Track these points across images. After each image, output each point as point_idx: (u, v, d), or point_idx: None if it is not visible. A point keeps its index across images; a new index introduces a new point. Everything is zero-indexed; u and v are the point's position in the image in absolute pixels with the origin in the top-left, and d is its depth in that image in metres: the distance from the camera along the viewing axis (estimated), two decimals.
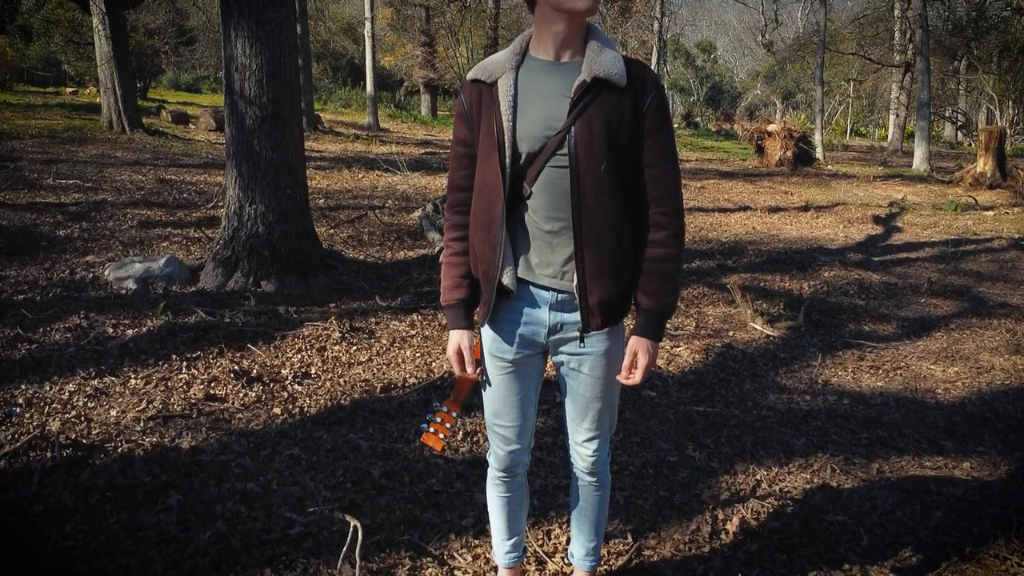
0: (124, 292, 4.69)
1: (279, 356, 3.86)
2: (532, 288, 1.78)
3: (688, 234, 7.55)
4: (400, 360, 3.95)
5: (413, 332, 4.36)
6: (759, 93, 36.70)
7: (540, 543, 2.48)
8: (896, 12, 23.64)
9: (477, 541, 2.46)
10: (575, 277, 1.73)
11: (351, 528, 2.36)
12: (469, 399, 2.09)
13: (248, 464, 2.82)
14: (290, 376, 3.64)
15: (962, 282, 6.46)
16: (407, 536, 2.46)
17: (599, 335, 1.80)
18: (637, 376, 1.78)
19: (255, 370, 3.66)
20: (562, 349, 1.84)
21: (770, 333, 4.78)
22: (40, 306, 4.25)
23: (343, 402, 3.41)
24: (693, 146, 23.11)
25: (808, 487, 2.94)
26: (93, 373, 3.47)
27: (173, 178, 8.85)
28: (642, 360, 1.77)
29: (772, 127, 16.84)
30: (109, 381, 3.43)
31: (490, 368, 1.87)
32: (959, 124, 28.21)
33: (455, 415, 1.99)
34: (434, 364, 3.91)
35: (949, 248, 7.78)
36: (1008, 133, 19.06)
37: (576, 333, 1.80)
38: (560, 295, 1.77)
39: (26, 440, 2.80)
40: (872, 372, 4.27)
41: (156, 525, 2.41)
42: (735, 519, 2.65)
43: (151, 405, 3.22)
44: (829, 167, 16.80)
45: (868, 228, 9.17)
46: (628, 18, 24.07)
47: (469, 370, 1.86)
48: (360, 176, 10.69)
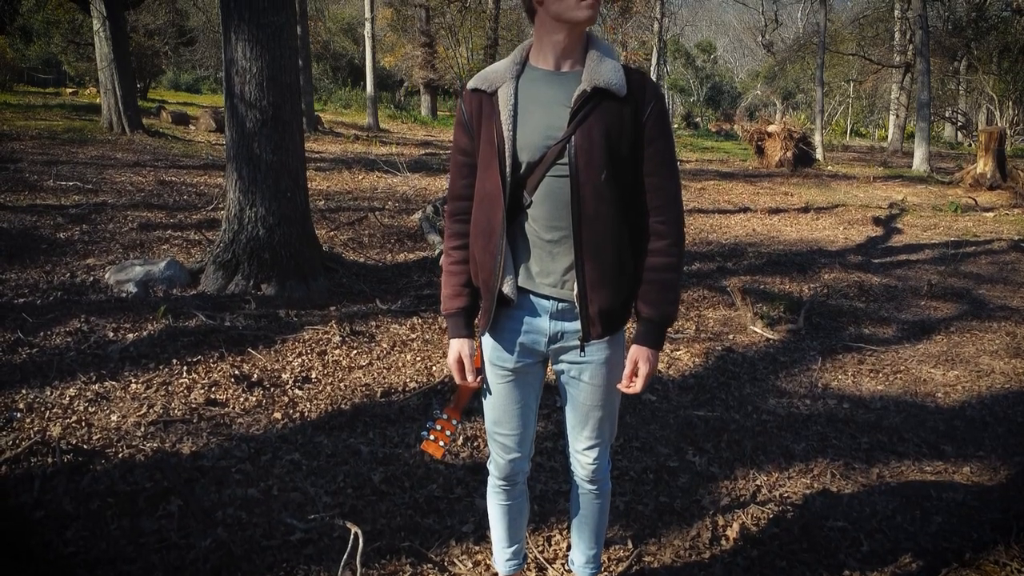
0: (125, 295, 4.69)
1: (280, 360, 3.87)
2: (532, 297, 1.79)
3: (688, 236, 7.55)
4: (400, 364, 3.95)
5: (413, 336, 4.36)
6: (759, 93, 36.71)
7: (540, 549, 2.48)
8: (896, 13, 23.64)
9: (478, 547, 2.46)
10: (575, 286, 1.73)
11: (352, 535, 2.36)
12: (469, 405, 2.09)
13: (249, 469, 2.83)
14: (291, 380, 3.64)
15: (962, 284, 6.46)
16: (408, 542, 2.47)
17: (599, 344, 1.81)
18: (638, 385, 1.78)
19: (256, 374, 3.66)
20: (562, 358, 1.84)
21: (770, 336, 4.78)
22: (41, 310, 4.25)
23: (344, 407, 3.42)
24: (693, 147, 23.13)
25: (808, 492, 2.94)
26: (94, 377, 3.48)
27: (173, 179, 8.85)
28: (643, 369, 1.77)
29: (772, 128, 16.83)
30: (110, 386, 3.43)
31: (490, 377, 1.88)
32: (959, 125, 28.21)
33: (455, 423, 2.00)
34: (434, 368, 3.91)
35: (949, 250, 7.78)
36: (1008, 134, 19.06)
37: (576, 342, 1.80)
38: (560, 304, 1.78)
39: (27, 445, 2.80)
40: (872, 376, 4.27)
41: (157, 531, 2.42)
42: (735, 525, 2.66)
43: (152, 410, 3.23)
44: (829, 168, 16.79)
45: (868, 230, 9.17)
46: (628, 19, 24.03)
47: (470, 378, 1.86)
48: (360, 177, 10.70)
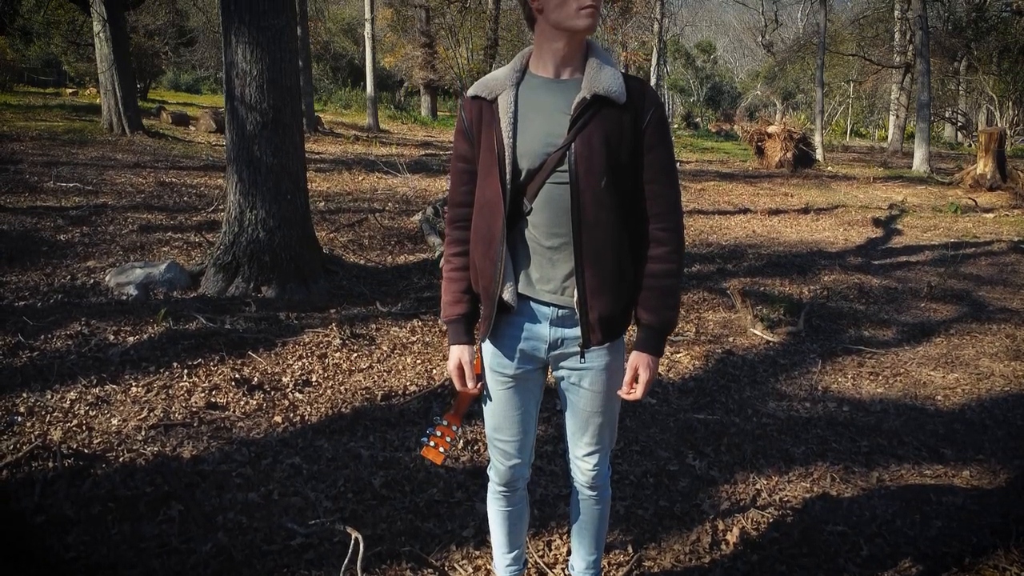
0: (125, 298, 4.69)
1: (280, 363, 3.87)
2: (533, 303, 1.79)
3: (688, 237, 7.55)
4: (401, 367, 3.96)
5: (414, 338, 4.36)
6: (759, 94, 36.70)
7: (540, 554, 2.48)
8: (896, 13, 23.62)
9: (478, 552, 2.47)
10: (575, 293, 1.74)
11: (352, 540, 2.37)
12: (470, 411, 2.10)
13: (249, 474, 2.83)
14: (291, 384, 3.64)
15: (962, 286, 6.47)
16: (408, 547, 2.47)
17: (599, 350, 1.81)
18: (638, 392, 1.79)
19: (256, 378, 3.67)
20: (563, 364, 1.84)
21: (770, 339, 4.79)
22: (41, 313, 4.26)
23: (344, 410, 3.42)
24: (693, 147, 23.12)
25: (808, 496, 2.94)
26: (94, 381, 3.48)
27: (174, 181, 8.86)
28: (643, 375, 1.78)
29: (772, 128, 16.83)
30: (110, 389, 3.44)
31: (491, 383, 1.88)
32: (959, 125, 28.21)
33: (455, 428, 2.00)
34: (435, 371, 3.91)
35: (949, 251, 7.78)
36: (1008, 134, 19.07)
37: (577, 348, 1.80)
38: (560, 310, 1.78)
39: (28, 450, 2.81)
40: (872, 378, 4.27)
41: (158, 536, 2.42)
42: (735, 529, 2.66)
43: (152, 414, 3.23)
44: (829, 168, 16.80)
45: (868, 231, 9.18)
46: (628, 19, 24.01)
47: (470, 385, 1.87)
48: (360, 178, 10.70)
